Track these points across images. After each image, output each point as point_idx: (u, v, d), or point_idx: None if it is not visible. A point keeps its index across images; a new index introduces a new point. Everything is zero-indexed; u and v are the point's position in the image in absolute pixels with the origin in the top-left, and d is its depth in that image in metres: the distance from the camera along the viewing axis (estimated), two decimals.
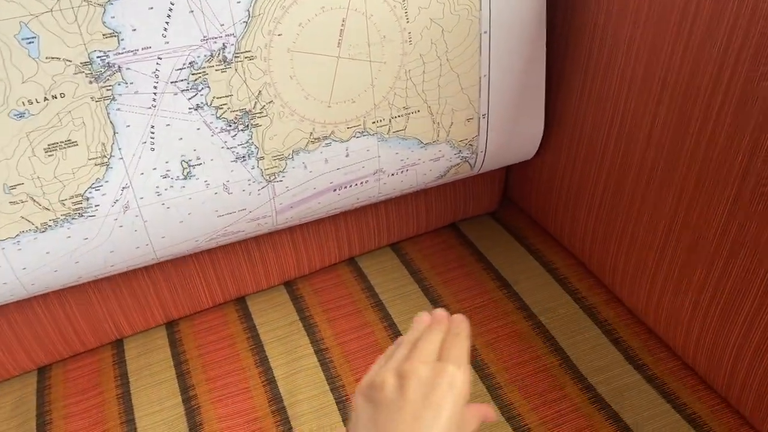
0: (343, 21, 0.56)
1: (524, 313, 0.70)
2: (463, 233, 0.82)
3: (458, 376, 0.39)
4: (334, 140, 0.62)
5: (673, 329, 0.63)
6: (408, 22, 0.59)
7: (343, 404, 0.62)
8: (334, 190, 0.66)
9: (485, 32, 0.63)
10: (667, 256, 0.61)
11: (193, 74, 0.53)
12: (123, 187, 0.55)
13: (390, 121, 0.63)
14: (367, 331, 0.69)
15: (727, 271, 0.55)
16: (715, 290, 0.56)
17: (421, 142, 0.66)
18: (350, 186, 0.66)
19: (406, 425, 0.38)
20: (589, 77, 0.66)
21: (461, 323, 0.44)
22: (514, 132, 0.71)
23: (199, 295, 0.72)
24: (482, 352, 0.66)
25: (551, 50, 0.69)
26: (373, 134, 0.63)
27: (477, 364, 0.65)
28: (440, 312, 0.46)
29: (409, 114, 0.64)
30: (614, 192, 0.66)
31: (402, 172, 0.68)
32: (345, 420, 0.60)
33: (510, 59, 0.66)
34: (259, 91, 0.56)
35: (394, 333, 0.68)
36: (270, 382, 0.65)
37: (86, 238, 0.56)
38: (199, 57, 0.53)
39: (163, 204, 0.57)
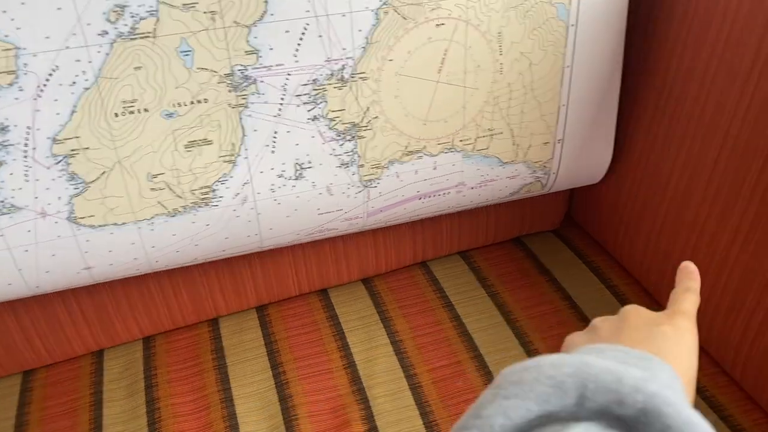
0: (446, 51, 0.64)
1: (585, 324, 0.76)
2: (528, 247, 0.89)
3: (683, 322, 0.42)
4: (425, 154, 0.69)
5: (723, 351, 0.68)
6: (501, 54, 0.66)
7: (415, 389, 0.69)
8: (420, 198, 0.73)
9: (568, 66, 0.70)
10: (721, 284, 0.67)
11: (314, 90, 0.61)
12: (244, 183, 0.64)
13: (475, 140, 0.70)
14: (438, 327, 0.76)
15: None
16: (765, 315, 0.62)
17: (501, 161, 0.73)
18: (434, 196, 0.73)
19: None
20: (659, 111, 0.72)
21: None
22: (585, 157, 0.78)
23: (288, 284, 0.80)
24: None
25: (625, 82, 0.75)
26: (459, 151, 0.70)
27: None
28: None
29: (492, 135, 0.71)
30: (675, 220, 0.72)
31: (481, 186, 0.75)
32: (417, 404, 0.68)
33: (587, 91, 0.72)
34: (368, 108, 0.64)
35: (463, 331, 0.75)
36: (350, 365, 0.72)
37: (207, 225, 0.65)
38: (321, 75, 0.61)
39: (275, 200, 0.66)
